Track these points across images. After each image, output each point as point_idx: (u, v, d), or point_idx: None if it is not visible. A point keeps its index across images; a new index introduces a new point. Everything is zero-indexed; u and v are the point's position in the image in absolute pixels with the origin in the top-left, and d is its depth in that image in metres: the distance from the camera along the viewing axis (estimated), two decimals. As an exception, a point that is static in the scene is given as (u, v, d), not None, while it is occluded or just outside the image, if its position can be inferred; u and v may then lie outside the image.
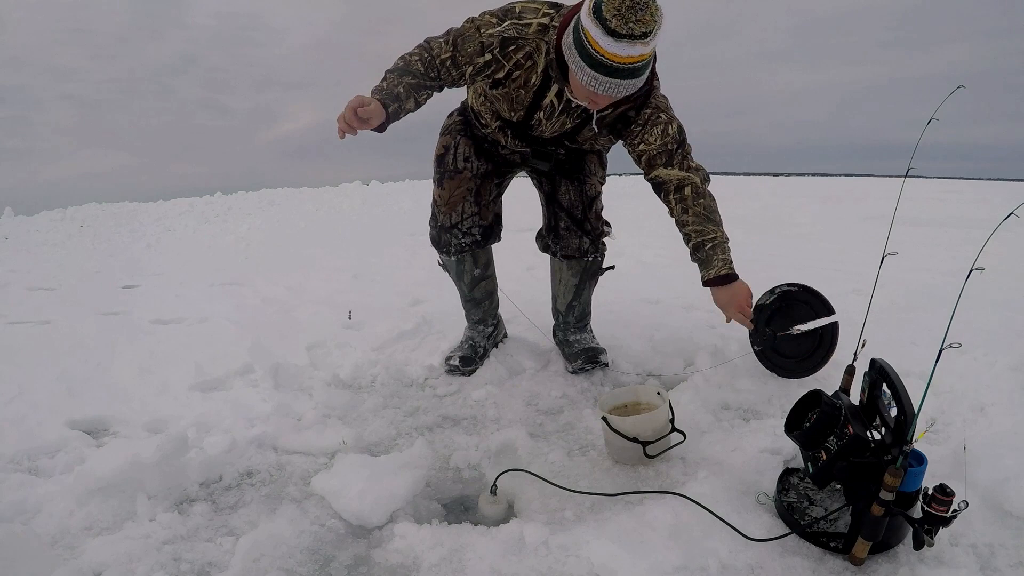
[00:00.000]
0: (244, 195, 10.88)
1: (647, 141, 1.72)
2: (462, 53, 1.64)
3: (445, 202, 1.93)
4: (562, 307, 2.11)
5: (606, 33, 1.37)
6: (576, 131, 1.78)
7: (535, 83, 1.65)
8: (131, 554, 1.20)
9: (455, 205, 1.93)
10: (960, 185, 12.91)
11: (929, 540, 1.04)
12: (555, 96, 1.67)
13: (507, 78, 1.65)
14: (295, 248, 5.34)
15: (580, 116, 1.72)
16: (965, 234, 5.00)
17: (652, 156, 1.72)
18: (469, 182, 1.91)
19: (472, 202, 1.94)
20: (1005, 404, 1.64)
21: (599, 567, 1.14)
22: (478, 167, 1.92)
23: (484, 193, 1.96)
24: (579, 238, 1.98)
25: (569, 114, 1.72)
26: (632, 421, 1.46)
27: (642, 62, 1.44)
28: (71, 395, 1.94)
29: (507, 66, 1.63)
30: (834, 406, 1.19)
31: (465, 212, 1.94)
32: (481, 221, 1.97)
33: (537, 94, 1.67)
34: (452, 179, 1.91)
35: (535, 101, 1.69)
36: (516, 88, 1.67)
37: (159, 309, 3.03)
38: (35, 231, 7.20)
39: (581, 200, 1.95)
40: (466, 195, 1.92)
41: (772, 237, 5.16)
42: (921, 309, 2.56)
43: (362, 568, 1.20)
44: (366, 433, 1.71)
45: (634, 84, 1.50)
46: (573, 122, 1.75)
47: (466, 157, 1.91)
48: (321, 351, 2.33)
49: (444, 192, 1.93)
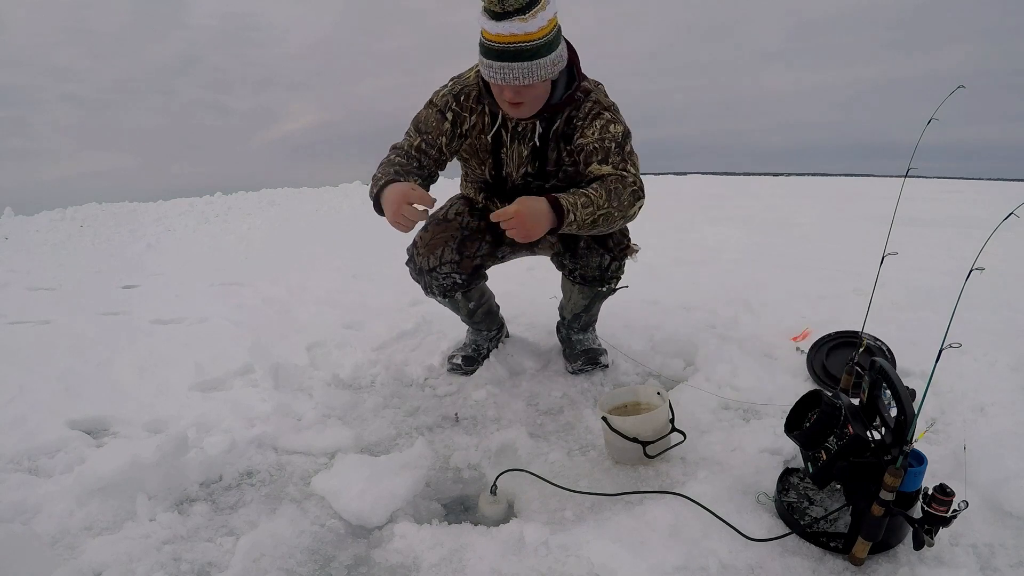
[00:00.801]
0: (244, 195, 10.87)
1: (585, 135, 1.64)
2: (429, 131, 1.71)
3: (425, 244, 1.79)
4: (569, 314, 2.07)
5: (489, 17, 1.44)
6: (542, 161, 1.72)
7: (488, 123, 1.71)
8: (131, 554, 1.20)
9: (434, 248, 1.79)
10: (960, 185, 12.90)
11: (929, 540, 1.04)
12: (502, 128, 1.70)
13: (472, 129, 1.73)
14: (295, 248, 5.34)
15: (532, 139, 1.69)
16: (965, 234, 5.00)
17: (589, 152, 1.62)
18: (456, 231, 1.81)
19: (454, 249, 1.79)
20: (1005, 404, 1.64)
21: (599, 567, 1.14)
22: (468, 221, 1.84)
23: (469, 247, 1.83)
24: (600, 256, 1.79)
25: (522, 140, 1.71)
26: (632, 421, 1.46)
27: (530, 42, 1.46)
28: (71, 395, 1.94)
29: (467, 116, 1.71)
30: (834, 406, 1.19)
31: (444, 258, 1.79)
32: (460, 270, 1.82)
33: (494, 138, 1.72)
34: (438, 224, 1.82)
35: (495, 146, 1.73)
36: (476, 135, 1.73)
37: (159, 309, 3.04)
38: (35, 231, 7.20)
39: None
40: (448, 240, 1.79)
41: (772, 237, 5.16)
42: (921, 309, 2.55)
43: (362, 568, 1.20)
44: (366, 433, 1.71)
45: (531, 69, 1.48)
46: (529, 147, 1.71)
47: (458, 212, 1.85)
48: (321, 351, 2.33)
49: (426, 234, 1.81)
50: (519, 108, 1.59)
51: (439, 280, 1.82)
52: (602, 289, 1.89)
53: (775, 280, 3.38)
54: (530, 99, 1.58)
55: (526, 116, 1.63)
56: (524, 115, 1.62)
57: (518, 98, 1.56)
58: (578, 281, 1.88)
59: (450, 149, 1.75)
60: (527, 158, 1.74)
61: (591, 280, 1.85)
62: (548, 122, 1.68)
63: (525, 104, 1.58)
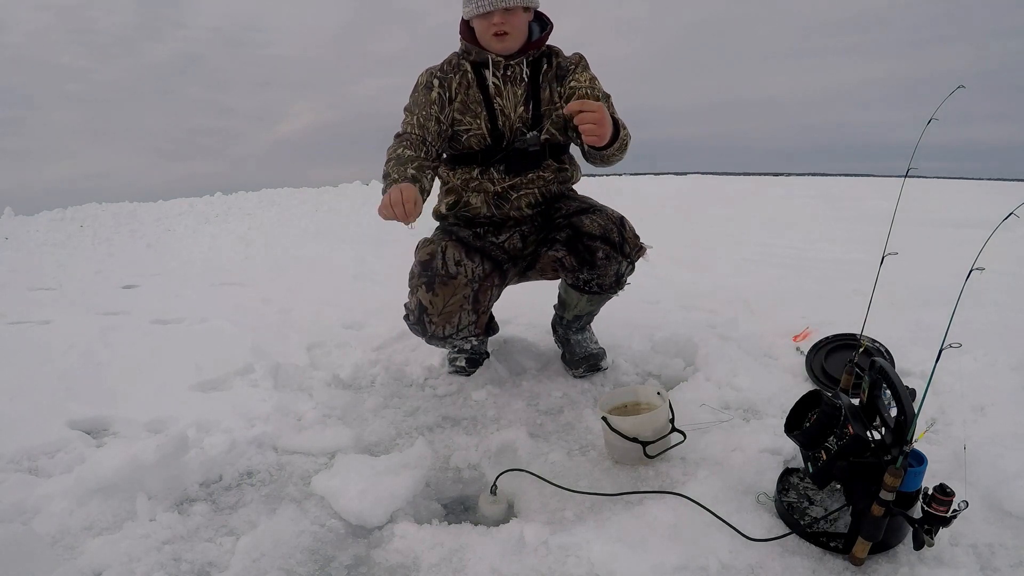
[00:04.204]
0: (244, 195, 10.87)
1: (578, 79, 1.81)
2: (422, 108, 1.77)
3: (439, 312, 1.73)
4: (570, 316, 2.04)
5: None
6: (536, 101, 1.81)
7: (473, 79, 1.80)
8: (131, 554, 1.20)
9: (451, 316, 1.74)
10: (960, 185, 12.90)
11: (929, 540, 1.04)
12: (492, 75, 1.79)
13: (459, 87, 1.80)
14: (295, 248, 5.34)
15: (523, 79, 1.80)
16: (965, 234, 5.00)
17: (582, 95, 1.76)
18: (465, 288, 1.75)
19: (471, 310, 1.77)
20: (1005, 404, 1.64)
21: (599, 567, 1.14)
22: (473, 269, 1.77)
23: (483, 298, 1.80)
24: (618, 263, 1.81)
25: (514, 83, 1.80)
26: (632, 421, 1.46)
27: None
28: (71, 395, 1.94)
29: (452, 77, 1.81)
30: (834, 406, 1.19)
31: (462, 323, 1.76)
32: (477, 330, 1.81)
33: (481, 88, 1.80)
34: (446, 285, 1.73)
35: (485, 96, 1.80)
36: (465, 90, 1.80)
37: (159, 309, 3.04)
38: (35, 231, 7.20)
39: (611, 221, 1.80)
40: (463, 303, 1.75)
41: (772, 237, 5.16)
42: (921, 309, 2.55)
43: (362, 568, 1.20)
44: (366, 433, 1.71)
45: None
46: (522, 87, 1.80)
47: (457, 261, 1.76)
48: (321, 351, 2.34)
49: (437, 300, 1.72)
50: (505, 39, 1.73)
51: (456, 343, 1.85)
52: (614, 294, 1.92)
53: (775, 280, 3.38)
54: (514, 29, 1.73)
55: (512, 49, 1.76)
56: (510, 47, 1.76)
57: (504, 26, 1.70)
58: (594, 291, 1.88)
59: (445, 116, 1.79)
60: (522, 97, 1.81)
61: (607, 288, 1.88)
62: (534, 65, 1.82)
63: (510, 34, 1.73)
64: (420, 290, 1.74)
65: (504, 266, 1.90)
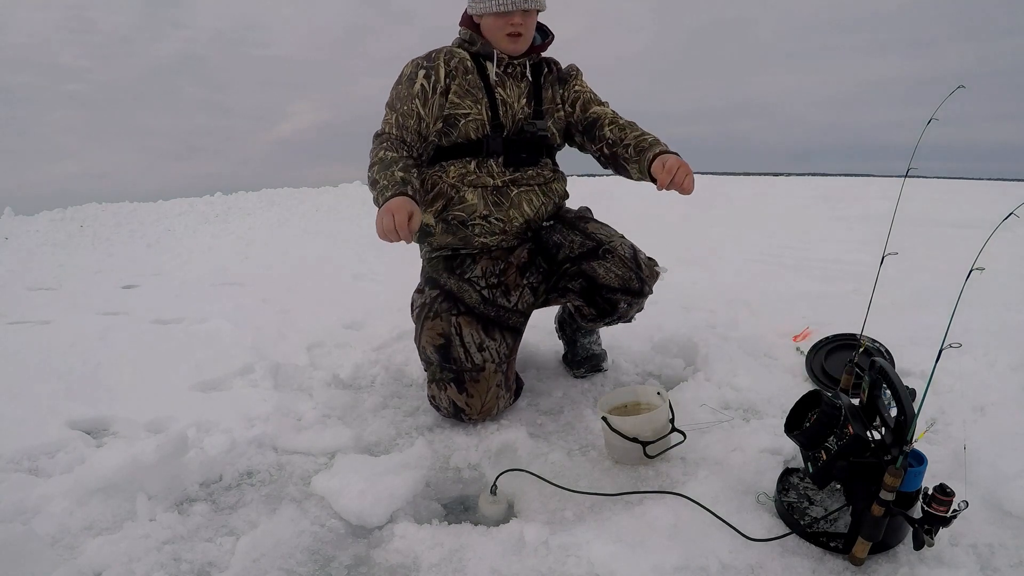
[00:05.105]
0: (244, 195, 10.86)
1: (581, 85, 1.88)
2: (403, 103, 1.70)
3: (477, 410, 1.66)
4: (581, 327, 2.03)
5: None
6: (538, 100, 1.80)
7: (472, 67, 1.74)
8: (131, 554, 1.20)
9: (489, 410, 1.68)
10: (960, 185, 12.89)
11: (929, 540, 1.04)
12: (496, 67, 1.76)
13: (455, 71, 1.72)
14: (295, 248, 5.34)
15: (524, 77, 1.79)
16: (965, 234, 5.00)
17: (588, 99, 1.85)
18: (495, 374, 1.66)
19: (505, 393, 1.71)
20: (1005, 404, 1.64)
21: (599, 567, 1.14)
22: (498, 350, 1.68)
23: (511, 372, 1.75)
24: (639, 304, 1.83)
25: (516, 80, 1.78)
26: (632, 421, 1.46)
27: None
28: (71, 395, 1.94)
29: (441, 65, 1.72)
30: (834, 406, 1.19)
31: (500, 407, 1.72)
32: (511, 402, 1.78)
33: (483, 76, 1.75)
34: (476, 381, 1.64)
35: (485, 83, 1.74)
36: (463, 75, 1.73)
37: (159, 309, 3.03)
38: (35, 231, 7.19)
39: (628, 268, 1.74)
40: (499, 393, 1.68)
41: (772, 237, 5.16)
42: (921, 309, 2.55)
43: (362, 568, 1.20)
44: (366, 433, 1.71)
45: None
46: (526, 85, 1.79)
47: (480, 345, 1.65)
48: (321, 351, 2.33)
49: (474, 400, 1.64)
50: (518, 41, 1.71)
51: None
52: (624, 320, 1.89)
53: (775, 280, 3.38)
54: (528, 32, 1.73)
55: (521, 51, 1.75)
56: (520, 49, 1.74)
57: (523, 28, 1.69)
58: (612, 324, 1.90)
59: (428, 110, 1.69)
60: (525, 91, 1.79)
61: (626, 320, 1.89)
62: (535, 68, 1.81)
63: (524, 36, 1.72)
64: (449, 388, 1.65)
65: (522, 328, 1.81)
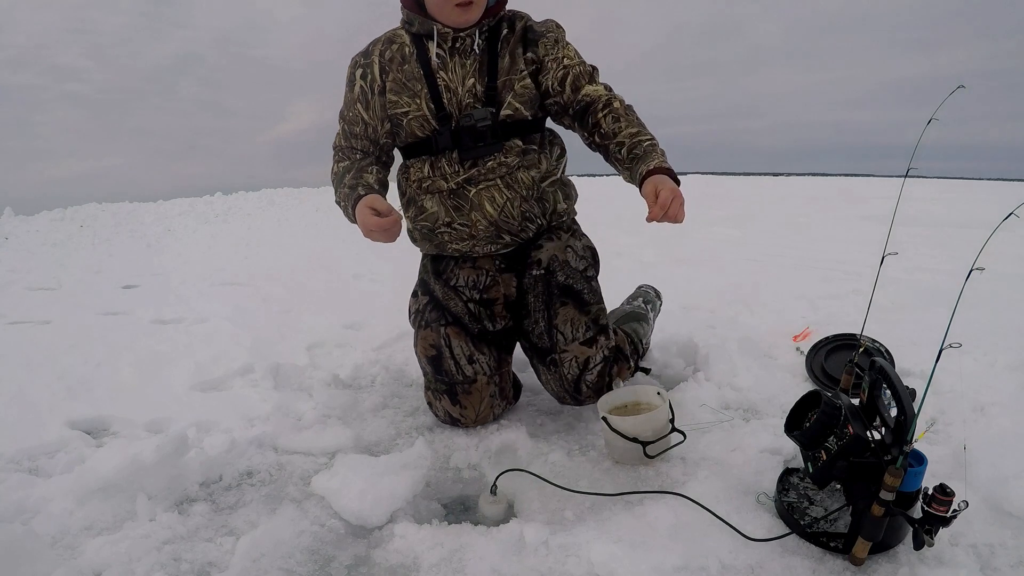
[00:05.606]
0: (244, 195, 10.88)
1: (569, 56, 1.61)
2: (348, 108, 1.65)
3: (473, 420, 1.67)
4: None
5: None
6: (492, 73, 1.56)
7: (411, 52, 1.57)
8: (131, 554, 1.20)
9: (485, 418, 1.69)
10: (960, 185, 12.90)
11: (929, 540, 1.04)
12: (436, 47, 1.55)
13: (389, 63, 1.59)
14: (295, 248, 5.35)
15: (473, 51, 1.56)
16: (965, 234, 5.00)
17: (577, 74, 1.59)
18: (488, 386, 1.66)
19: (500, 401, 1.71)
20: (1005, 404, 1.64)
21: (599, 567, 1.14)
22: (488, 363, 1.66)
23: (506, 384, 1.74)
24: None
25: (463, 55, 1.56)
26: (632, 421, 1.46)
27: None
28: (71, 395, 1.94)
29: (375, 59, 1.60)
30: (834, 406, 1.19)
31: (497, 413, 1.72)
32: (509, 405, 1.78)
33: (422, 61, 1.56)
34: (469, 393, 1.65)
35: (426, 70, 1.55)
36: (398, 67, 1.58)
37: (159, 309, 3.04)
38: (35, 231, 7.20)
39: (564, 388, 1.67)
40: (493, 403, 1.69)
41: (772, 237, 5.16)
42: (921, 309, 2.55)
43: (362, 568, 1.20)
44: (366, 433, 1.71)
45: None
46: (474, 60, 1.56)
47: (470, 357, 1.64)
48: (321, 351, 2.34)
49: (468, 411, 1.66)
50: (469, 10, 1.51)
51: None
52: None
53: (775, 280, 3.38)
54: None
55: (474, 19, 1.54)
56: (473, 18, 1.53)
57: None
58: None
59: (372, 112, 1.62)
60: (472, 69, 1.55)
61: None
62: (491, 32, 1.58)
63: (476, 3, 1.51)
64: (443, 400, 1.67)
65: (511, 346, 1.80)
